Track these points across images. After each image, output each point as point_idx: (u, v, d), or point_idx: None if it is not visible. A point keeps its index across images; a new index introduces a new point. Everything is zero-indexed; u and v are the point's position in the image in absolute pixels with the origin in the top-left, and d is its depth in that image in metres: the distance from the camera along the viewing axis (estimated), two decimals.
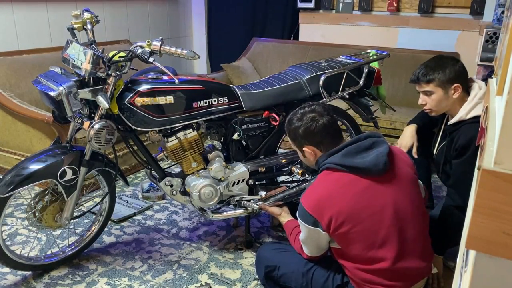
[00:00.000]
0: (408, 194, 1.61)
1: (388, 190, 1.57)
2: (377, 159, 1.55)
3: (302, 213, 1.59)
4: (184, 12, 4.78)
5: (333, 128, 1.67)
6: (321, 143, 1.66)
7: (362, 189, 1.55)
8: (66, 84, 1.75)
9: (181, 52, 1.77)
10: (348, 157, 1.57)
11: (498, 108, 0.89)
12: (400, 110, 3.21)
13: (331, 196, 1.54)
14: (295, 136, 1.71)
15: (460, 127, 1.88)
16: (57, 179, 1.89)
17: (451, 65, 1.87)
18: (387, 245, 1.56)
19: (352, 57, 2.39)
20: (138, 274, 2.09)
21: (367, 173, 1.55)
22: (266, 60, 4.34)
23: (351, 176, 1.56)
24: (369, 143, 1.61)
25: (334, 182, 1.58)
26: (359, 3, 4.05)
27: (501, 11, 2.82)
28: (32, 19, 3.29)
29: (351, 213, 1.53)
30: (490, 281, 0.70)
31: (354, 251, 1.58)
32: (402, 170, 1.63)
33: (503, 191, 0.66)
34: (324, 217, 1.54)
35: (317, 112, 1.66)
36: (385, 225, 1.55)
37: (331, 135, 1.66)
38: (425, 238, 1.69)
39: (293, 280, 1.78)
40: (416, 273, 1.64)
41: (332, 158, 1.60)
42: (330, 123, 1.65)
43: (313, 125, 1.64)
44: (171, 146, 2.03)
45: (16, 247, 2.24)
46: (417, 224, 1.63)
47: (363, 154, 1.58)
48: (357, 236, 1.55)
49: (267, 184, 2.33)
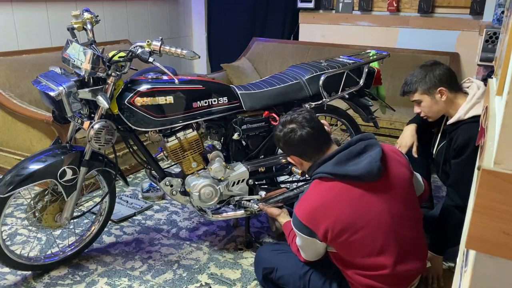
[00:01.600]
0: (403, 198, 1.58)
1: (383, 196, 1.53)
2: (370, 165, 1.50)
3: (297, 223, 1.56)
4: (184, 12, 4.78)
5: (313, 139, 1.61)
6: (304, 154, 1.64)
7: (357, 197, 1.51)
8: (66, 84, 1.75)
9: (181, 52, 1.77)
10: (340, 165, 1.53)
11: (498, 108, 0.89)
12: (400, 110, 3.21)
13: (325, 206, 1.51)
14: (279, 145, 1.72)
15: (458, 127, 1.89)
16: (57, 179, 1.89)
17: (430, 71, 1.92)
18: (386, 251, 1.54)
19: (352, 57, 2.39)
20: (138, 274, 2.09)
21: (361, 180, 1.51)
22: (266, 60, 4.34)
23: (344, 184, 1.52)
24: (360, 147, 1.57)
25: (327, 191, 1.54)
26: (359, 3, 4.05)
27: (501, 11, 2.82)
28: (32, 19, 3.29)
29: (348, 222, 1.50)
30: (490, 281, 0.70)
31: (352, 258, 1.56)
32: (396, 173, 1.59)
33: (503, 191, 0.66)
34: (320, 228, 1.51)
35: (298, 122, 1.62)
36: (382, 231, 1.52)
37: (312, 146, 1.62)
38: (421, 237, 1.68)
39: (290, 282, 1.77)
40: (415, 273, 1.64)
41: (323, 167, 1.56)
42: (309, 135, 1.60)
43: (292, 137, 1.62)
44: (171, 146, 2.03)
45: (16, 247, 2.24)
46: (413, 225, 1.62)
47: (356, 160, 1.54)
48: (355, 244, 1.52)
49: (267, 184, 2.33)
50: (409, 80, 1.97)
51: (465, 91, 1.95)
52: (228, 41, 4.75)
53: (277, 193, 2.20)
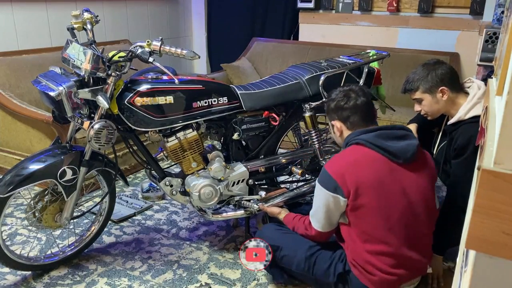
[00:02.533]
0: (425, 190, 1.67)
1: (408, 180, 1.62)
2: (408, 147, 1.61)
3: (325, 177, 1.62)
4: (184, 12, 4.78)
5: (364, 109, 1.72)
6: (348, 119, 1.72)
7: (387, 170, 1.60)
8: (66, 84, 1.75)
9: (181, 52, 1.77)
10: (380, 139, 1.62)
11: (498, 108, 0.89)
12: (400, 110, 3.20)
13: (357, 165, 1.59)
14: (327, 108, 1.80)
15: (459, 127, 1.89)
16: (57, 179, 1.88)
17: (432, 70, 1.92)
18: (395, 229, 1.60)
19: (352, 57, 2.39)
20: (138, 274, 2.09)
21: (395, 157, 1.60)
22: (266, 60, 4.34)
23: (379, 155, 1.61)
24: (402, 134, 1.67)
25: (363, 154, 1.62)
26: (359, 3, 4.05)
27: (501, 11, 2.82)
28: (32, 19, 3.29)
29: (373, 186, 1.57)
30: (490, 281, 0.70)
31: (363, 227, 1.61)
32: (426, 166, 1.69)
33: (503, 191, 0.66)
34: (347, 183, 1.57)
35: (354, 91, 1.74)
36: (398, 210, 1.60)
37: (360, 114, 1.71)
38: (429, 237, 1.74)
39: (294, 263, 1.78)
40: (416, 266, 1.68)
41: (365, 136, 1.64)
42: (362, 104, 1.71)
43: (344, 101, 1.72)
44: (171, 146, 2.03)
45: (16, 247, 2.24)
46: (425, 222, 1.68)
47: (395, 141, 1.63)
48: (371, 211, 1.58)
49: (267, 184, 2.33)
50: (411, 78, 1.97)
51: (466, 91, 1.94)
52: (228, 41, 4.75)
53: (277, 193, 2.20)
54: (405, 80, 2.00)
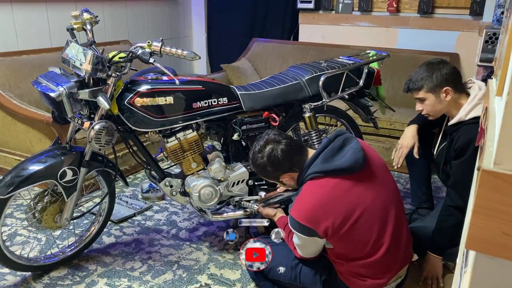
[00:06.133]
0: (387, 183, 1.67)
1: (371, 184, 1.60)
2: (355, 155, 1.57)
3: (296, 225, 1.59)
4: (184, 12, 4.78)
5: (293, 148, 1.66)
6: (292, 166, 1.67)
7: (349, 188, 1.57)
8: (66, 85, 1.75)
9: (182, 52, 1.77)
10: (327, 162, 1.59)
11: (498, 109, 0.89)
12: (400, 111, 3.20)
13: (323, 204, 1.55)
14: (266, 173, 1.72)
15: (459, 127, 1.89)
16: (57, 180, 1.88)
17: (437, 69, 1.90)
18: (381, 238, 1.59)
19: (352, 57, 2.39)
20: (137, 275, 2.09)
21: (350, 171, 1.57)
22: (266, 60, 4.34)
23: (335, 179, 1.57)
24: (340, 142, 1.64)
25: (322, 189, 1.58)
26: (359, 3, 4.05)
27: (501, 11, 2.82)
28: (32, 19, 3.29)
29: (347, 214, 1.55)
30: (490, 281, 0.70)
31: (348, 248, 1.61)
32: (376, 160, 1.67)
33: (502, 192, 0.66)
34: (321, 226, 1.55)
35: (272, 141, 1.66)
36: (377, 218, 1.59)
37: (295, 154, 1.66)
38: (407, 220, 1.76)
39: (282, 274, 1.80)
40: (403, 255, 1.69)
41: (312, 168, 1.60)
42: (288, 145, 1.65)
43: (275, 155, 1.64)
44: (171, 147, 2.03)
45: (15, 248, 2.24)
46: (399, 208, 1.68)
47: (340, 155, 1.60)
48: (353, 233, 1.57)
49: (267, 184, 2.33)
50: (414, 77, 1.94)
51: (468, 92, 1.94)
52: (228, 42, 4.75)
53: (277, 193, 2.20)
54: (408, 79, 1.98)
